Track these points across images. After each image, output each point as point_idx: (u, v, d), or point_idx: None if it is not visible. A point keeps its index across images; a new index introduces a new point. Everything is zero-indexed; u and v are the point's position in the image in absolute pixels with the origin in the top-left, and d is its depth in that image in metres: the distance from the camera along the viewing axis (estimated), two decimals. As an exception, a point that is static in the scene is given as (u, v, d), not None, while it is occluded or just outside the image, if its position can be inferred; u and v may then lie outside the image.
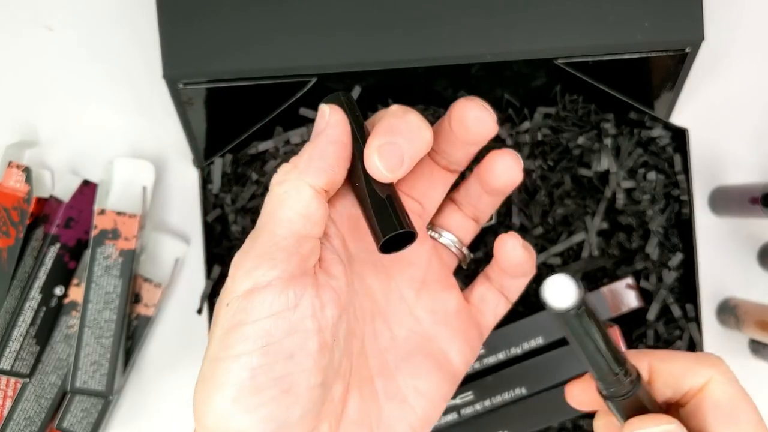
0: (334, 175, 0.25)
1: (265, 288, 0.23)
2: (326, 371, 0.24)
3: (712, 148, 0.48)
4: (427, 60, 0.38)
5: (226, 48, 0.38)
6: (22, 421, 0.43)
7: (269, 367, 0.23)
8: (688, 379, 0.25)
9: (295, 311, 0.24)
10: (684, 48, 0.39)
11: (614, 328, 0.41)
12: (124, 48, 0.47)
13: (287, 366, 0.23)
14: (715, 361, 0.25)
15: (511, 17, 0.38)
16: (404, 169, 0.25)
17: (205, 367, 0.24)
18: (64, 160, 0.47)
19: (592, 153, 0.43)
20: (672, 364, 0.26)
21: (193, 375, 0.24)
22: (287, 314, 0.23)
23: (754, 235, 0.47)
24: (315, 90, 0.40)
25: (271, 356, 0.23)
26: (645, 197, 0.43)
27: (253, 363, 0.23)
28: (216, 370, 0.23)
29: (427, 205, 0.30)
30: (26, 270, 0.43)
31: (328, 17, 0.38)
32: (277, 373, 0.23)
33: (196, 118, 0.42)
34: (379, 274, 0.29)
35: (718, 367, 0.25)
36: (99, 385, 0.43)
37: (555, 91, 0.44)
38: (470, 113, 0.26)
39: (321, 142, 0.25)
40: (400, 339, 0.29)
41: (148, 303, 0.45)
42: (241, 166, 0.44)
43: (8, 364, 0.42)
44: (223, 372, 0.23)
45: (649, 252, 0.43)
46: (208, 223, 0.43)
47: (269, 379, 0.23)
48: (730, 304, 0.46)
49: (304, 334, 0.24)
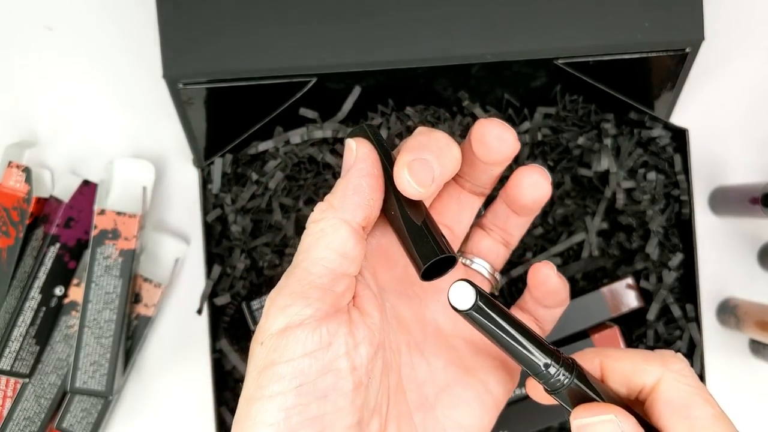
0: (371, 209, 0.25)
1: (299, 326, 0.23)
2: (362, 410, 0.24)
3: (712, 148, 0.48)
4: (427, 60, 0.38)
5: (226, 48, 0.38)
6: (22, 421, 0.43)
7: (304, 408, 0.23)
8: (638, 378, 0.25)
9: (329, 350, 0.23)
10: (684, 48, 0.39)
11: (614, 328, 0.41)
12: (124, 48, 0.47)
13: (322, 406, 0.23)
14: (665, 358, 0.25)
15: (511, 17, 0.38)
16: (435, 186, 0.25)
17: (240, 407, 0.24)
18: (64, 160, 0.47)
19: (592, 153, 0.43)
20: (621, 364, 0.26)
21: (193, 375, 0.24)
22: (321, 353, 0.23)
23: (754, 235, 0.47)
24: (315, 90, 0.40)
25: (306, 396, 0.23)
26: (645, 197, 0.43)
27: (288, 403, 0.23)
28: (251, 410, 0.23)
29: (457, 231, 0.29)
30: (26, 270, 0.43)
31: (327, 17, 0.38)
32: (311, 413, 0.23)
33: (196, 118, 0.42)
34: (413, 304, 0.28)
35: (669, 365, 0.25)
36: (99, 385, 0.42)
37: (555, 91, 0.44)
38: (490, 132, 0.26)
39: (353, 176, 0.25)
40: (438, 370, 0.28)
41: (148, 303, 0.45)
42: (241, 166, 0.44)
43: (8, 364, 0.42)
44: (257, 412, 0.23)
45: (649, 252, 0.43)
46: (208, 223, 0.43)
47: (304, 419, 0.23)
48: (730, 304, 0.46)
49: (338, 374, 0.23)
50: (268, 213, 0.44)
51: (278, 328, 0.23)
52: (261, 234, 0.44)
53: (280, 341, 0.23)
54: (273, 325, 0.24)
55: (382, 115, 0.44)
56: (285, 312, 0.24)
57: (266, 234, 0.44)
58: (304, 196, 0.44)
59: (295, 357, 0.23)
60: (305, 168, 0.44)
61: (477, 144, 0.26)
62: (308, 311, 0.23)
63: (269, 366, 0.23)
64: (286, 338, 0.23)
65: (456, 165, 0.25)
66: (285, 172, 0.43)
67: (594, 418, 0.24)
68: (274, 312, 0.24)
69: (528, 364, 0.24)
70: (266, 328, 0.24)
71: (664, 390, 0.24)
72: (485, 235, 0.31)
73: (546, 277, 0.29)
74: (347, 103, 0.43)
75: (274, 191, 0.43)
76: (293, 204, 0.44)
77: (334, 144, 0.44)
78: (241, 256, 0.43)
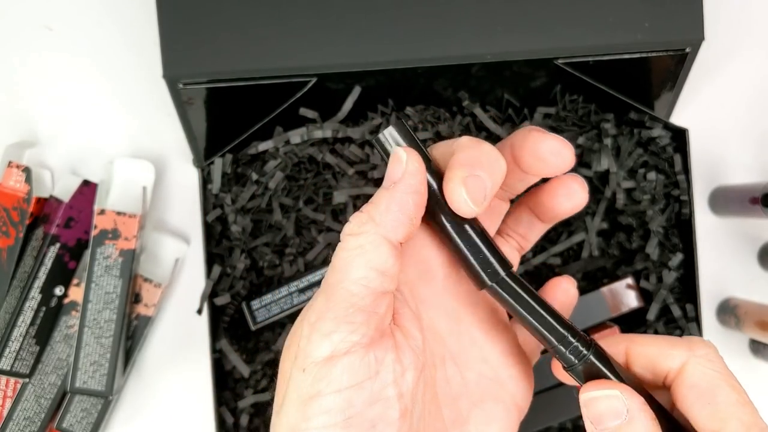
0: (413, 227, 0.24)
1: (345, 355, 0.23)
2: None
3: (712, 148, 0.48)
4: (427, 60, 0.38)
5: (226, 48, 0.38)
6: (22, 421, 0.43)
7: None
8: (663, 363, 0.25)
9: (377, 379, 0.23)
10: (684, 48, 0.39)
11: (614, 328, 0.41)
12: (124, 48, 0.47)
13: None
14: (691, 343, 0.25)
15: (511, 17, 0.38)
16: (487, 203, 0.24)
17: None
18: (64, 160, 0.47)
19: (592, 153, 0.43)
20: (646, 348, 0.25)
21: (193, 375, 0.24)
22: (368, 384, 0.23)
23: (754, 235, 0.47)
24: (315, 90, 0.40)
25: (354, 428, 0.22)
26: (645, 197, 0.43)
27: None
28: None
29: None
30: (26, 270, 0.43)
31: (327, 17, 0.38)
32: None
33: (196, 118, 0.42)
34: (449, 317, 0.28)
35: (695, 350, 0.24)
36: (99, 385, 0.42)
37: (555, 91, 0.44)
38: (547, 147, 0.25)
39: (399, 192, 0.24)
40: (471, 384, 0.28)
41: (148, 303, 0.45)
42: (241, 166, 0.44)
43: (8, 364, 0.42)
44: None
45: (649, 252, 0.43)
46: (208, 223, 0.43)
47: None
48: (730, 304, 0.46)
49: (386, 403, 0.23)
50: (268, 213, 0.44)
51: (323, 356, 0.23)
52: (261, 234, 0.44)
53: (325, 370, 0.22)
54: (316, 351, 0.23)
55: (382, 115, 0.44)
56: (330, 338, 0.23)
57: (266, 234, 0.44)
58: (304, 196, 0.44)
59: (342, 388, 0.22)
60: (305, 168, 0.44)
61: (530, 157, 0.25)
62: (354, 337, 0.23)
63: (315, 397, 0.22)
64: (331, 367, 0.22)
65: (503, 178, 0.25)
66: (285, 172, 0.43)
67: (599, 392, 0.23)
68: (317, 339, 0.23)
69: (546, 338, 0.24)
70: (308, 354, 0.23)
71: (688, 375, 0.24)
72: (504, 242, 0.30)
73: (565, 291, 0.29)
74: (347, 103, 0.43)
75: (274, 191, 0.43)
76: (293, 204, 0.44)
77: (334, 144, 0.44)
78: (241, 256, 0.43)
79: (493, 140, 0.44)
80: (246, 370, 0.43)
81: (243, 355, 0.43)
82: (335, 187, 0.44)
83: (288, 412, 0.23)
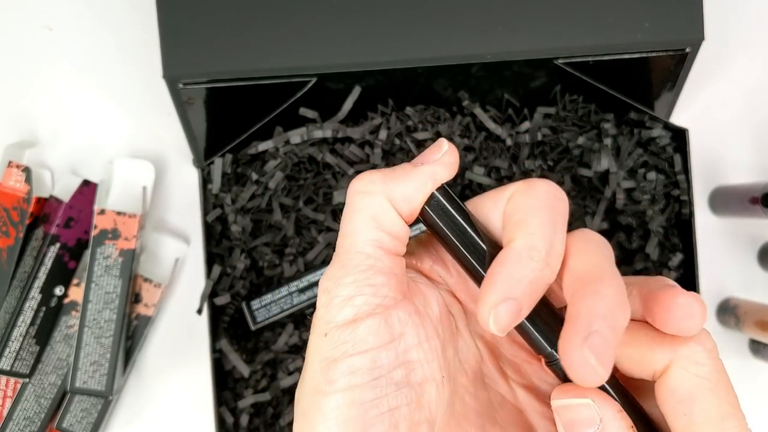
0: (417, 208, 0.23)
1: (369, 316, 0.22)
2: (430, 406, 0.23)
3: (712, 148, 0.48)
4: (427, 60, 0.38)
5: (226, 48, 0.38)
6: (22, 421, 0.43)
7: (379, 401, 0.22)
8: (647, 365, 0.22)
9: (401, 341, 0.23)
10: (684, 48, 0.39)
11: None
12: (124, 48, 0.47)
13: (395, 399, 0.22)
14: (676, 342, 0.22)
15: (511, 17, 0.38)
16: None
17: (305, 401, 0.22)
18: (64, 160, 0.47)
19: (592, 153, 0.43)
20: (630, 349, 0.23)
21: (193, 375, 0.24)
22: (393, 345, 0.22)
23: (754, 235, 0.47)
24: (315, 90, 0.40)
25: (381, 389, 0.22)
26: (645, 197, 0.43)
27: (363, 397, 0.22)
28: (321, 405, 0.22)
29: None
30: (26, 270, 0.43)
31: (327, 17, 0.38)
32: (385, 407, 0.22)
33: (196, 118, 0.42)
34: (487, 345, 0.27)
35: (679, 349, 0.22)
36: (99, 385, 0.42)
37: (555, 91, 0.44)
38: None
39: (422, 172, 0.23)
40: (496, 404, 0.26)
41: (148, 303, 0.45)
42: (241, 166, 0.44)
43: (8, 364, 0.42)
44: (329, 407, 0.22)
45: (649, 252, 0.43)
46: (208, 223, 0.43)
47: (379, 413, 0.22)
48: (730, 304, 0.46)
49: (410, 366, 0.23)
50: (268, 213, 0.44)
51: (345, 319, 0.22)
52: (261, 234, 0.44)
53: (348, 332, 0.22)
54: (338, 316, 0.22)
55: (382, 115, 0.44)
56: (351, 302, 0.22)
57: (266, 234, 0.44)
58: (304, 196, 0.44)
59: (368, 348, 0.22)
60: (305, 168, 0.44)
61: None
62: (377, 300, 0.22)
63: (340, 358, 0.22)
64: (355, 329, 0.22)
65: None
66: (285, 172, 0.43)
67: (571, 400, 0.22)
68: (339, 303, 0.23)
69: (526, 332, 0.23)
70: (330, 319, 0.23)
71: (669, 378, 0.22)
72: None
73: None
74: (347, 103, 0.43)
75: (274, 191, 0.43)
76: (293, 204, 0.44)
77: (334, 144, 0.44)
78: (241, 256, 0.43)
79: (493, 140, 0.44)
80: (246, 370, 0.43)
81: (243, 355, 0.43)
82: (335, 187, 0.44)
83: (312, 378, 0.23)
